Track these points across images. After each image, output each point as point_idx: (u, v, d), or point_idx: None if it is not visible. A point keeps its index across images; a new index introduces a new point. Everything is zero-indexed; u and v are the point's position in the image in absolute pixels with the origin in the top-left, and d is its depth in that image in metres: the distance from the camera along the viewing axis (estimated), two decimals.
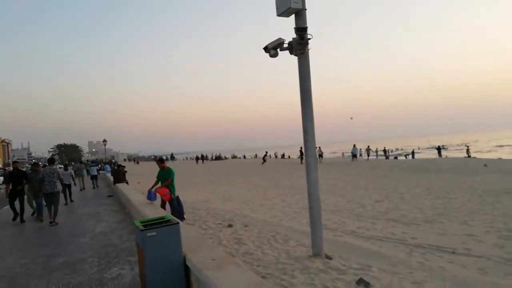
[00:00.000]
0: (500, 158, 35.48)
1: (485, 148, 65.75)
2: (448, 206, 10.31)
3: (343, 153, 65.23)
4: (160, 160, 8.85)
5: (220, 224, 9.08)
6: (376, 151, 45.23)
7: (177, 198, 8.25)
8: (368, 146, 44.03)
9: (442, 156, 42.27)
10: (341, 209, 10.80)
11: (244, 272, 3.05)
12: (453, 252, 6.07)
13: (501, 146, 70.08)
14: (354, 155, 37.29)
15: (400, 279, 4.73)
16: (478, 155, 40.20)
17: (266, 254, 5.97)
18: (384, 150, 46.76)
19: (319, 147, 36.79)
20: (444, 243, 6.64)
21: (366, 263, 5.37)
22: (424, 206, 10.62)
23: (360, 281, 4.43)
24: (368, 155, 40.92)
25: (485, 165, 22.91)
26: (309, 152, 5.73)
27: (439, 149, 46.29)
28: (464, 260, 5.64)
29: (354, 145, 38.14)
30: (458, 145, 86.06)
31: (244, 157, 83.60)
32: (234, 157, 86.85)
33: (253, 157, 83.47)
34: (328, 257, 5.54)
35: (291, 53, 5.76)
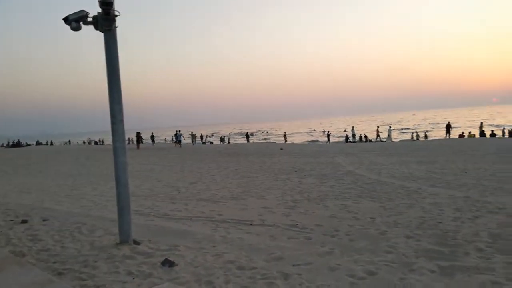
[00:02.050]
0: (293, 143, 42.94)
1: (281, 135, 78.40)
2: (250, 184, 11.73)
3: (165, 139, 65.99)
4: None
5: (11, 220, 7.75)
6: (195, 136, 47.81)
7: None
8: (192, 132, 47.30)
9: (250, 141, 48.41)
10: (156, 193, 10.81)
11: (29, 272, 2.72)
12: (251, 224, 6.92)
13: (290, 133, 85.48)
14: (178, 141, 38.44)
15: (203, 253, 5.13)
16: (276, 141, 47.56)
17: (66, 248, 5.44)
18: (201, 136, 50.23)
19: (138, 132, 36.35)
20: (245, 216, 7.51)
21: (174, 243, 5.60)
22: (231, 185, 11.76)
23: (165, 261, 4.58)
24: (193, 141, 44.10)
25: (281, 149, 27.17)
26: (117, 136, 5.48)
27: (247, 135, 53.12)
28: (259, 230, 6.48)
29: (179, 131, 39.46)
30: (262, 132, 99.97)
31: (52, 143, 73.31)
32: (39, 143, 75.15)
33: (65, 143, 74.69)
34: (136, 242, 5.50)
35: (96, 29, 5.32)
